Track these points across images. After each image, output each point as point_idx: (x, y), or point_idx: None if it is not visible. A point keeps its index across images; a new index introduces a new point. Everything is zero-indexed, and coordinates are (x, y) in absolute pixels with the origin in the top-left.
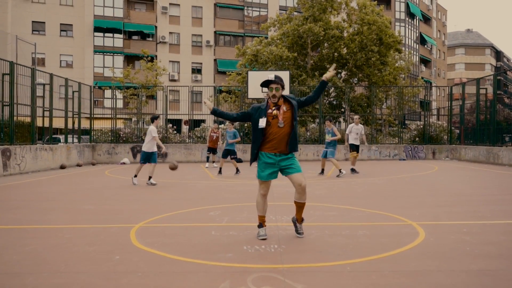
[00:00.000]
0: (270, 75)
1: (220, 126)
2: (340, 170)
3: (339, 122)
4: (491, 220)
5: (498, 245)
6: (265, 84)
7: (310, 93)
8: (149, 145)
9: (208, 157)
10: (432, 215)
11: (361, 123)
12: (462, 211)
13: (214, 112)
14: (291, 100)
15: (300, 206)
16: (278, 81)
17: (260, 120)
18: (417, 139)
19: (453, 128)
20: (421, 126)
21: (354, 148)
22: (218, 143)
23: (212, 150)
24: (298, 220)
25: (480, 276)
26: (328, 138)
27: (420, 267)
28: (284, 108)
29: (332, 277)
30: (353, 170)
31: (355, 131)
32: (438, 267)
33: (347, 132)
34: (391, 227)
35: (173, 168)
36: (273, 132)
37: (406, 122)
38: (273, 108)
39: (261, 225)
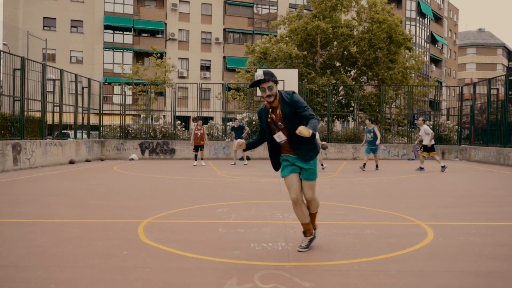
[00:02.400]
0: (258, 72)
1: (229, 123)
2: (377, 166)
3: (348, 121)
4: (501, 222)
5: (508, 247)
6: (255, 85)
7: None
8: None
9: (196, 155)
10: (441, 215)
11: (426, 124)
12: (471, 212)
13: (250, 147)
14: (286, 99)
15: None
16: (269, 77)
17: (276, 134)
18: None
19: (463, 129)
20: (431, 126)
21: (423, 148)
22: (204, 140)
23: (199, 147)
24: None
25: (489, 278)
26: (369, 136)
27: (428, 267)
28: (280, 109)
29: (339, 276)
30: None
31: (422, 133)
32: (446, 268)
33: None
34: (399, 227)
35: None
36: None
37: (415, 122)
38: (270, 111)
39: (304, 233)
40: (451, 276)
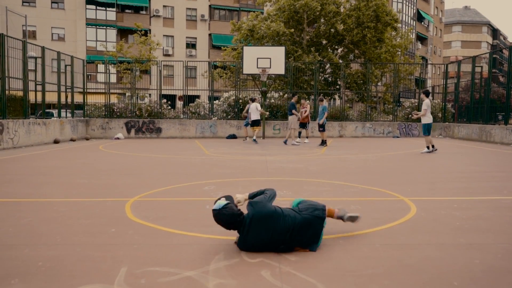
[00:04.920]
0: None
1: (215, 102)
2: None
3: (334, 99)
4: (481, 196)
5: (487, 220)
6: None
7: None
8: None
9: (300, 132)
10: (424, 191)
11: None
12: (454, 188)
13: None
14: None
15: None
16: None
17: None
18: (410, 116)
19: (448, 106)
20: (416, 104)
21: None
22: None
23: (303, 125)
24: None
25: (468, 250)
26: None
27: (410, 240)
28: None
29: (324, 250)
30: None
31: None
32: (428, 240)
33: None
34: (383, 202)
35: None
36: None
37: (401, 99)
38: None
39: None
40: (432, 248)
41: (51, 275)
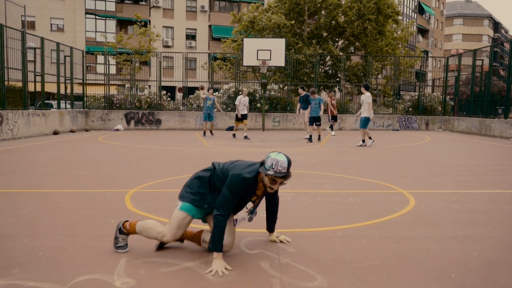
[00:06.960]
0: (282, 164)
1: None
2: (363, 141)
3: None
4: (480, 190)
5: (486, 213)
6: (274, 173)
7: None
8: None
9: (332, 125)
10: (423, 184)
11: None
12: (452, 181)
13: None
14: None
15: None
16: (288, 175)
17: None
18: (410, 109)
19: (448, 100)
20: (416, 97)
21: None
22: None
23: (334, 117)
24: None
25: (466, 242)
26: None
27: (409, 233)
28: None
29: (323, 242)
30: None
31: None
32: (427, 233)
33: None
34: (382, 195)
35: None
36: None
37: (401, 92)
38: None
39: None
40: (431, 240)
41: (52, 265)
